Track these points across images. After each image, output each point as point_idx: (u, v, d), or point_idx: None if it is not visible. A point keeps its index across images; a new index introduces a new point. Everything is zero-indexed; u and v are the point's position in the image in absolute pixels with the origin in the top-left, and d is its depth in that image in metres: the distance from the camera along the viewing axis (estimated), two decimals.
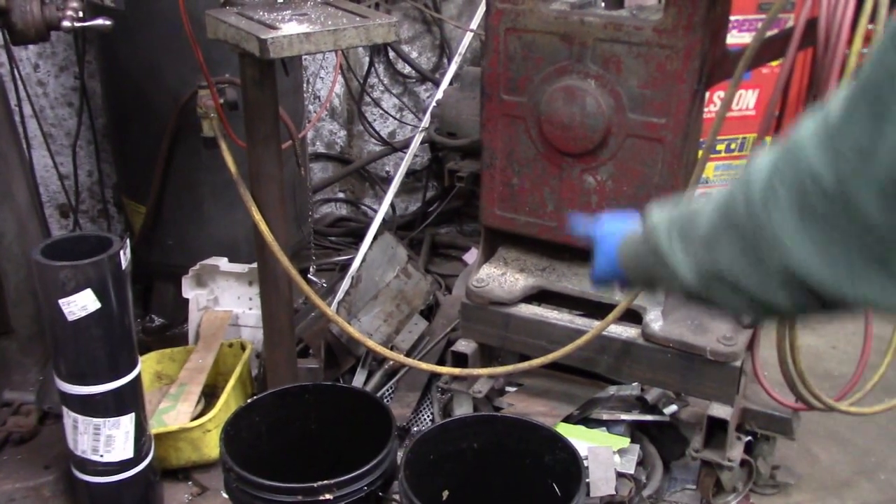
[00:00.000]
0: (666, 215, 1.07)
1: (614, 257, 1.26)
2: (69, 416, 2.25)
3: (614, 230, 1.28)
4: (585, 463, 2.26)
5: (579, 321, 2.54)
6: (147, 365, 2.85)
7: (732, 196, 0.88)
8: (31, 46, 3.47)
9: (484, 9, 2.47)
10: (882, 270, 0.75)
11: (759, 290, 0.86)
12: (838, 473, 2.73)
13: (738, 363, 2.35)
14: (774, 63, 2.69)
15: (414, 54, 4.18)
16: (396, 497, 1.99)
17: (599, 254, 1.32)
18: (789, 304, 0.84)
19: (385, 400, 2.87)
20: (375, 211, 3.76)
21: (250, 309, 3.08)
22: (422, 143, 3.79)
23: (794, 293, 0.82)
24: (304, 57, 3.62)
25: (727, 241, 0.88)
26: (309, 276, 3.47)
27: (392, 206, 4.03)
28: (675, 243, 1.01)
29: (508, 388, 2.74)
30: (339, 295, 3.15)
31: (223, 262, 3.06)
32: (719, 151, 3.37)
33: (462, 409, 2.65)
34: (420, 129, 3.76)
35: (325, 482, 1.89)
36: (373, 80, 4.15)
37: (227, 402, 2.67)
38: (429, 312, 3.28)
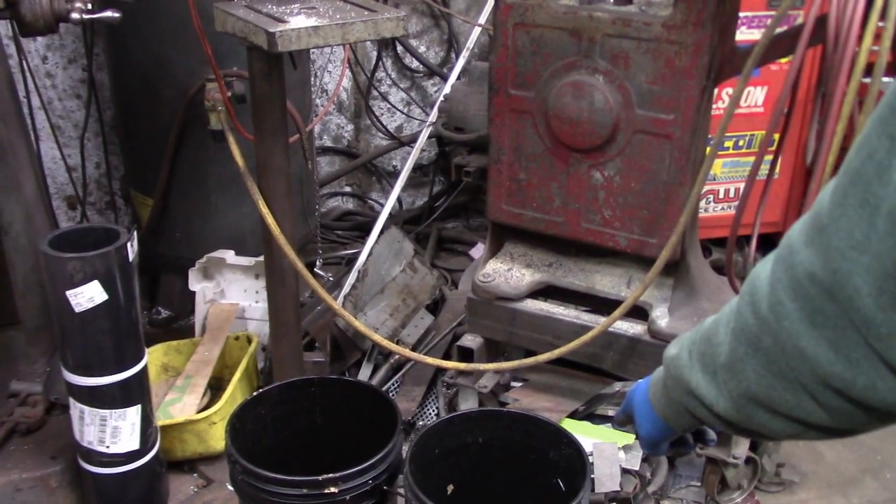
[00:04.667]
0: (685, 349, 1.02)
1: (651, 410, 1.16)
2: (76, 407, 2.25)
3: (641, 385, 1.22)
4: (590, 459, 2.26)
5: (585, 317, 2.53)
6: (153, 357, 2.86)
7: (742, 315, 0.85)
8: (39, 38, 3.48)
9: (492, 3, 2.46)
10: (888, 370, 0.71)
11: (792, 404, 0.82)
12: (844, 471, 2.73)
13: None
14: (784, 60, 2.68)
15: (422, 49, 4.17)
16: (401, 491, 1.99)
17: (638, 415, 1.22)
18: (827, 415, 0.80)
19: (390, 394, 2.88)
20: (382, 205, 3.76)
21: (257, 302, 3.08)
22: (429, 137, 3.79)
23: (829, 401, 0.78)
24: (311, 50, 3.61)
25: (749, 361, 0.85)
26: (315, 269, 3.48)
27: (399, 200, 4.03)
28: (699, 376, 0.97)
29: (514, 384, 2.74)
30: (346, 289, 3.15)
31: (230, 255, 3.06)
32: (727, 148, 3.36)
33: (467, 404, 2.65)
34: (427, 123, 3.76)
35: (331, 475, 1.89)
36: (380, 74, 4.15)
37: (233, 395, 2.67)
38: (435, 307, 3.28)
